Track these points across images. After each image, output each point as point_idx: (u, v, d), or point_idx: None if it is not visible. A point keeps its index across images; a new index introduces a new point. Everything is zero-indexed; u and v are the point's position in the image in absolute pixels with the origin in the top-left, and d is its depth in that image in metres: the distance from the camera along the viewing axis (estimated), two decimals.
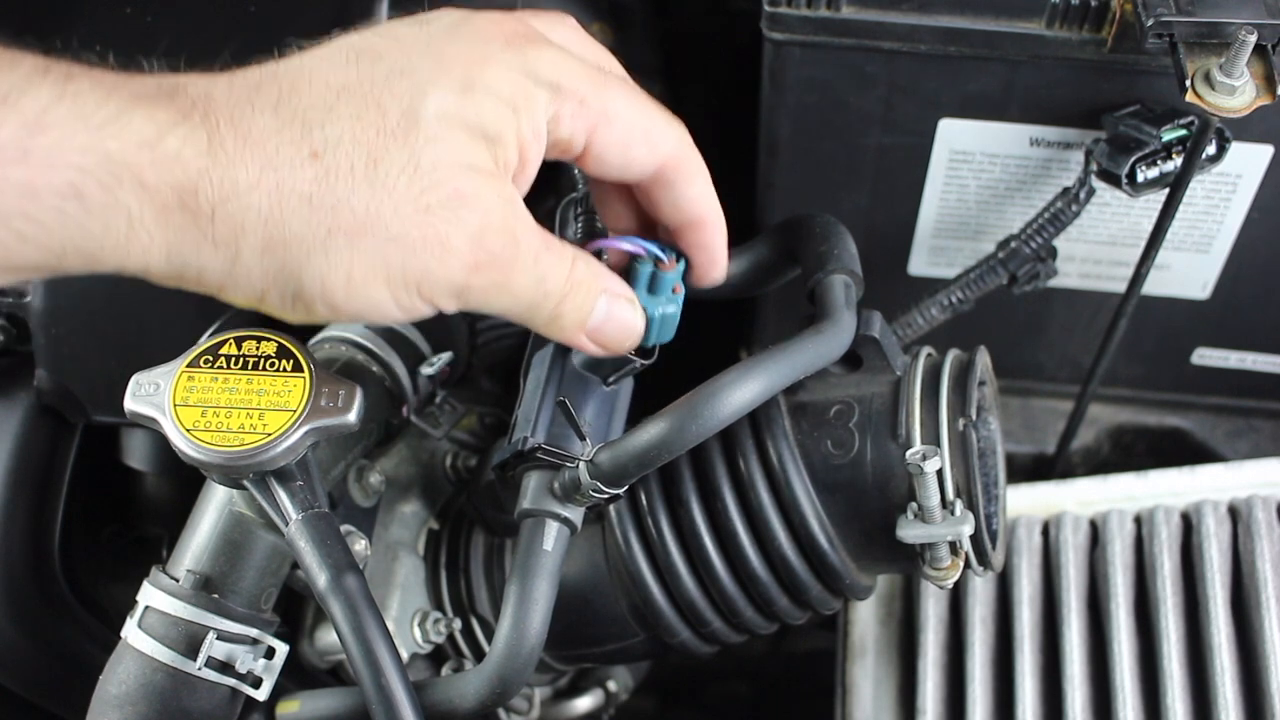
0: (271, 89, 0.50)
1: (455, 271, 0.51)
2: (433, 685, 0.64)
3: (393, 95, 0.50)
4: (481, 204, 0.51)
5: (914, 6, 0.75)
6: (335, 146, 0.49)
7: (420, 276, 0.51)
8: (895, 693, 0.88)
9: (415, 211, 0.50)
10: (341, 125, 0.49)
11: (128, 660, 0.63)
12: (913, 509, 0.65)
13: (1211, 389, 1.01)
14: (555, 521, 0.64)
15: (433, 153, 0.50)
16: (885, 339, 0.69)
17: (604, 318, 0.58)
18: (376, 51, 0.52)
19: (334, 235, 0.49)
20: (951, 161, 0.84)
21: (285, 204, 0.48)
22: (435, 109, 0.50)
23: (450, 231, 0.50)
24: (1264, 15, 0.68)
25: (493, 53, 0.53)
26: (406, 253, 0.50)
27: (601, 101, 0.55)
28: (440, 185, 0.50)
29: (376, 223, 0.49)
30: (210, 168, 0.47)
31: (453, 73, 0.51)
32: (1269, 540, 0.81)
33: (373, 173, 0.49)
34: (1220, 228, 0.86)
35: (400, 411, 0.76)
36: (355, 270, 0.50)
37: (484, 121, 0.51)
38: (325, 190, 0.49)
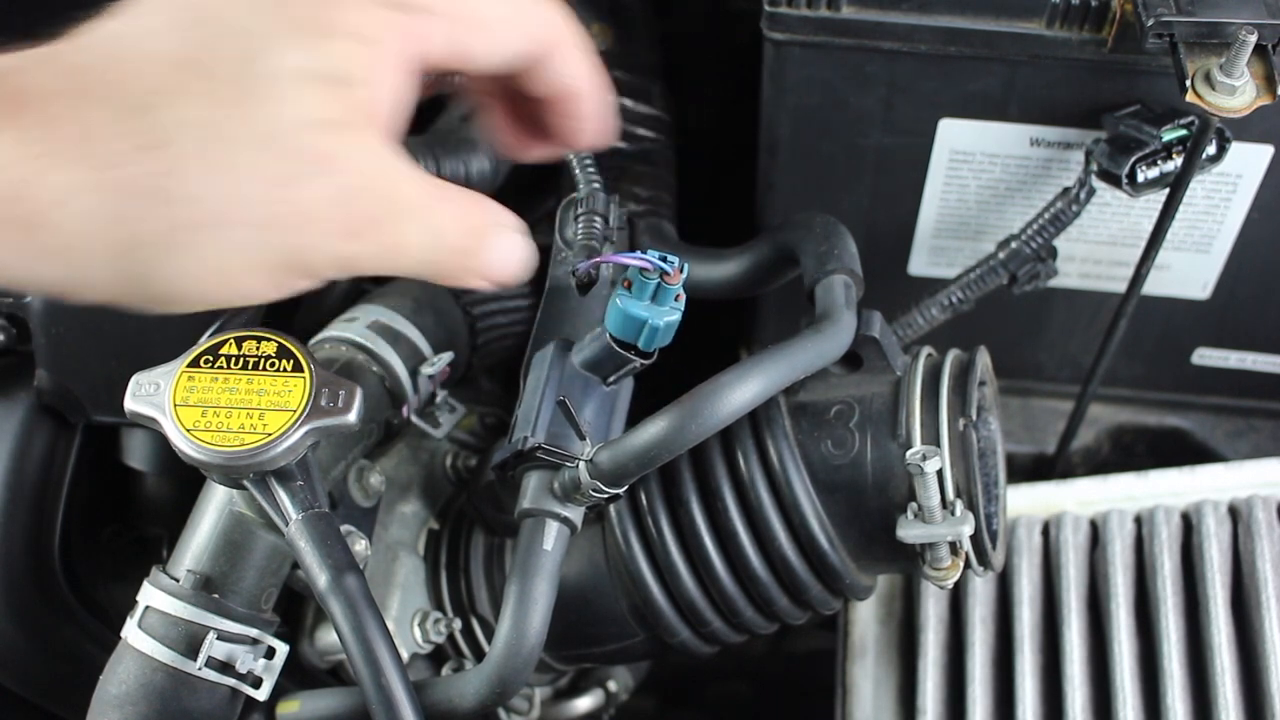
0: (97, 72, 0.44)
1: (330, 243, 0.46)
2: (433, 685, 0.64)
3: (230, 60, 0.45)
4: (347, 163, 0.46)
5: (914, 6, 0.75)
6: (176, 131, 0.43)
7: (292, 256, 0.46)
8: (895, 693, 0.88)
9: (273, 187, 0.45)
10: (179, 105, 0.44)
11: (128, 660, 0.63)
12: (913, 509, 0.65)
13: (1211, 389, 1.01)
14: (555, 521, 0.64)
15: (281, 116, 0.45)
16: (885, 339, 0.69)
17: (492, 249, 0.52)
18: (206, 10, 0.46)
19: (189, 230, 0.44)
20: (951, 161, 0.84)
21: (131, 203, 0.43)
22: (279, 65, 0.45)
23: (315, 200, 0.45)
24: (1264, 15, 0.68)
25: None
26: (272, 234, 0.45)
27: (462, 7, 0.50)
28: (295, 152, 0.45)
29: (234, 208, 0.44)
30: (37, 173, 0.42)
31: (295, 19, 0.46)
32: (1269, 540, 0.81)
33: (220, 153, 0.44)
34: (1220, 228, 0.86)
35: (400, 411, 0.76)
36: (220, 262, 0.45)
37: (336, 67, 0.46)
38: (172, 182, 0.44)
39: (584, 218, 0.74)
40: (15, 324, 0.77)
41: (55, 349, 0.76)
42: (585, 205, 0.74)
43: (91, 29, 0.46)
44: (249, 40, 0.45)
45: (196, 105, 0.44)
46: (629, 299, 0.60)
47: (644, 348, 0.62)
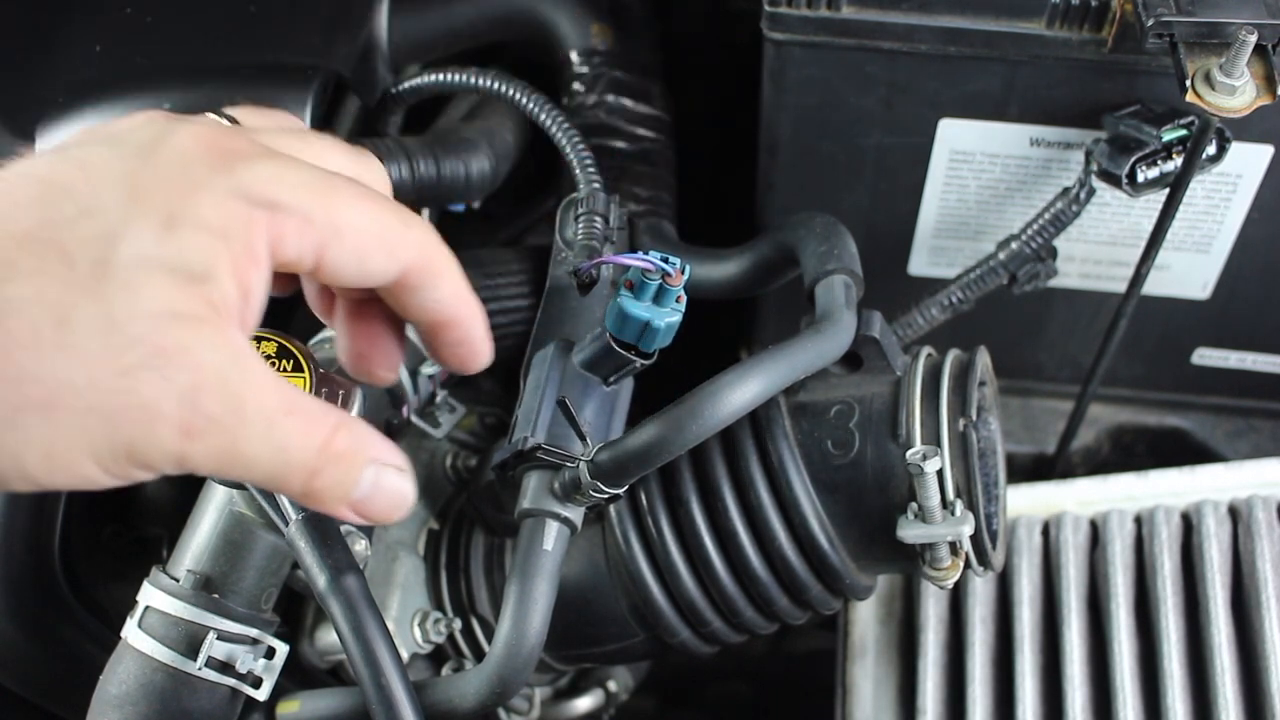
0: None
1: (166, 440, 0.45)
2: (433, 685, 0.64)
3: (81, 241, 0.44)
4: (191, 358, 0.44)
5: (914, 6, 0.75)
6: (17, 309, 0.42)
7: (127, 447, 0.45)
8: (895, 693, 0.88)
9: (112, 375, 0.43)
10: (23, 283, 0.43)
11: (128, 660, 0.63)
12: (913, 509, 0.65)
13: (1211, 389, 1.01)
14: (555, 521, 0.64)
15: (128, 304, 0.43)
16: (885, 339, 0.69)
17: (370, 489, 0.49)
18: (63, 186, 0.45)
19: (23, 411, 0.43)
20: (951, 161, 0.84)
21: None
22: (130, 253, 0.44)
23: (154, 394, 0.44)
24: (1264, 15, 0.68)
25: (196, 176, 0.46)
26: (108, 423, 0.44)
27: (328, 214, 0.48)
28: (139, 342, 0.43)
29: (70, 392, 0.43)
30: None
31: (150, 206, 0.45)
32: (1269, 540, 0.81)
33: (61, 335, 0.43)
34: (1220, 228, 0.86)
35: (400, 411, 0.76)
36: (53, 446, 0.44)
37: (189, 260, 0.45)
38: (8, 361, 0.42)
39: (584, 218, 0.74)
40: None
41: None
42: (586, 205, 0.74)
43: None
44: (102, 221, 0.45)
45: (42, 284, 0.43)
46: (630, 300, 0.60)
47: (644, 348, 0.62)
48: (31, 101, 0.74)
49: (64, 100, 0.74)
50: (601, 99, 0.91)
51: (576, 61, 0.93)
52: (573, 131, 0.79)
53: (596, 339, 0.64)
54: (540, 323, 0.75)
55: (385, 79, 0.85)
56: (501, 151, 0.86)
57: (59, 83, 0.75)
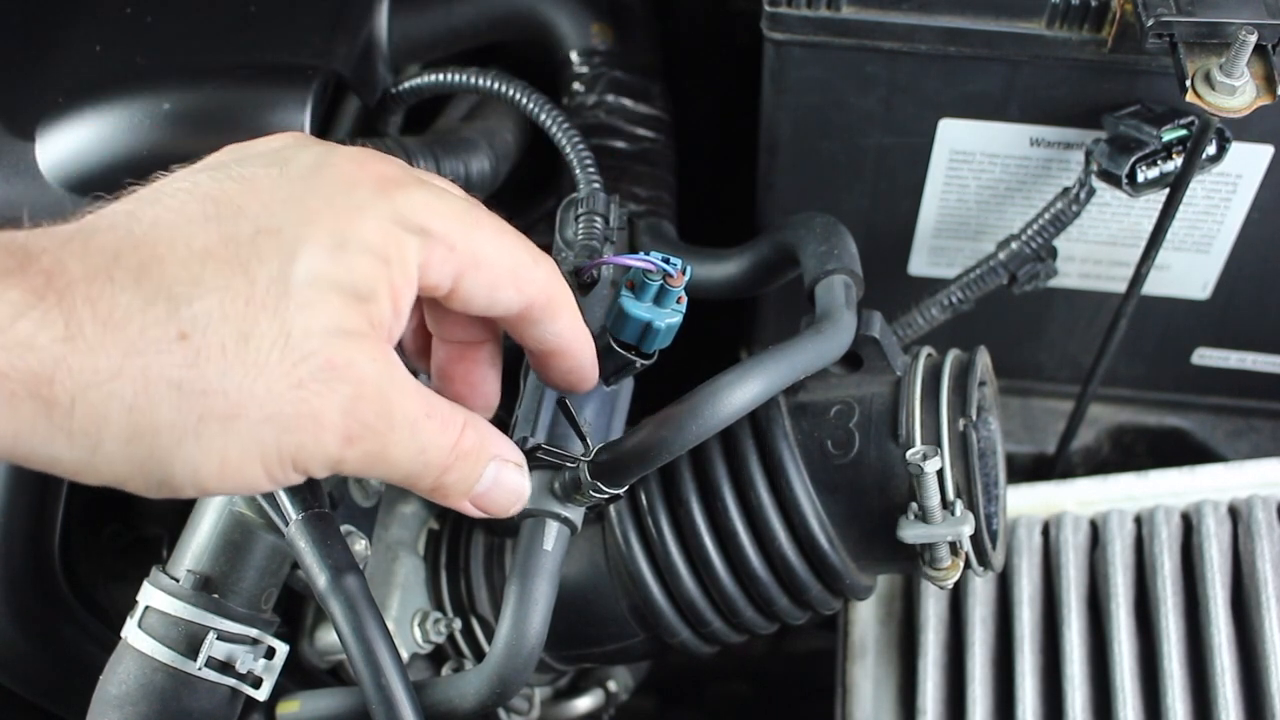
0: (131, 258, 0.45)
1: (329, 446, 0.49)
2: (433, 685, 0.64)
3: (260, 259, 0.47)
4: (354, 372, 0.48)
5: (914, 6, 0.75)
6: (205, 325, 0.45)
7: (294, 452, 0.48)
8: (895, 693, 0.88)
9: (288, 387, 0.47)
10: (209, 299, 0.45)
11: (128, 660, 0.63)
12: (913, 509, 0.65)
13: (1211, 389, 1.01)
14: (555, 521, 0.64)
15: (304, 321, 0.47)
16: (885, 339, 0.69)
17: (490, 485, 0.55)
18: (236, 205, 0.48)
19: (206, 421, 0.46)
20: (951, 161, 0.84)
21: (153, 391, 0.45)
22: (305, 273, 0.47)
23: (323, 405, 0.48)
24: (1264, 15, 0.68)
25: (362, 201, 0.49)
26: (280, 431, 0.47)
27: (470, 245, 0.52)
28: (312, 356, 0.47)
29: (250, 403, 0.46)
30: (68, 355, 0.43)
31: (321, 228, 0.48)
32: (1269, 540, 0.81)
33: (244, 350, 0.46)
34: (1220, 228, 0.86)
35: None
36: (229, 454, 0.47)
37: (356, 280, 0.48)
38: (196, 374, 0.45)
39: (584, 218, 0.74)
40: None
41: None
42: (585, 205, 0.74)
43: (122, 211, 0.47)
44: (279, 240, 0.47)
45: (226, 300, 0.46)
46: (631, 300, 0.60)
47: (645, 349, 0.62)
48: (31, 101, 0.74)
49: (64, 100, 0.74)
50: (601, 99, 0.91)
51: (576, 61, 0.93)
52: (573, 131, 0.79)
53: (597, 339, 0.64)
54: None
55: (385, 79, 0.85)
56: (501, 151, 0.86)
57: (59, 83, 0.75)
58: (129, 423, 0.45)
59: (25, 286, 0.43)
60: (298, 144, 0.52)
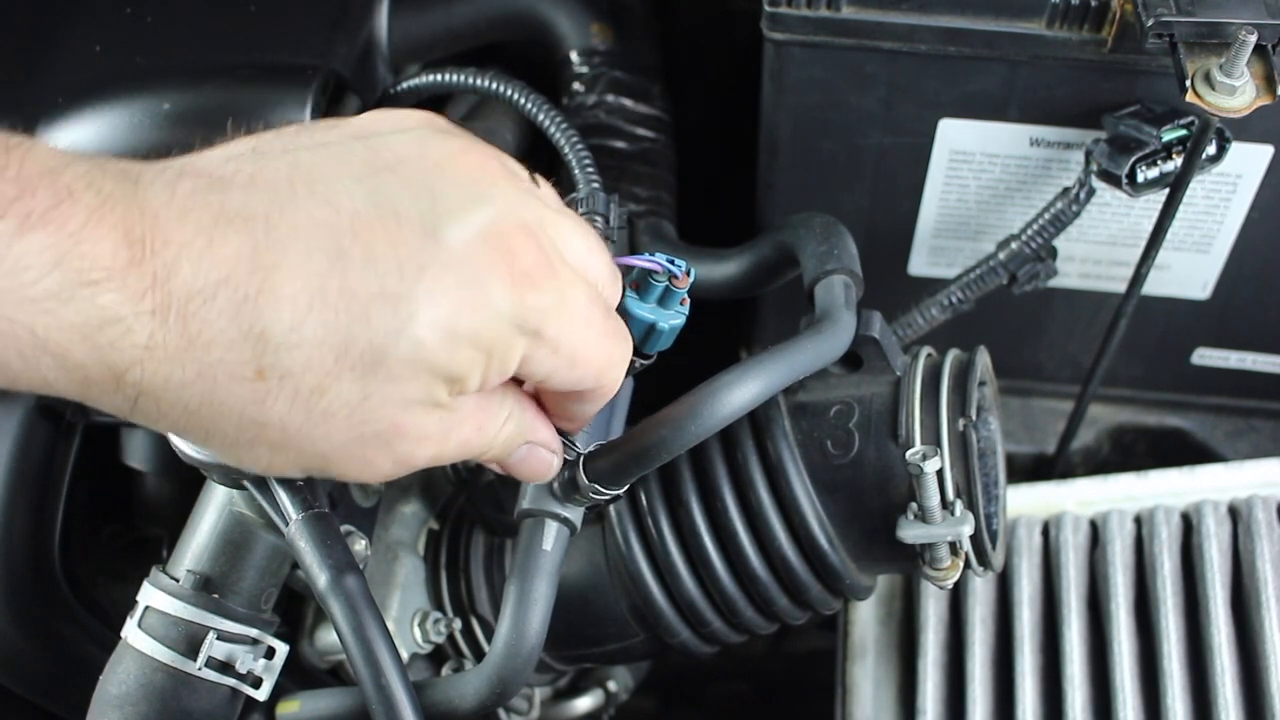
0: (242, 284, 0.45)
1: (373, 478, 0.52)
2: (433, 685, 0.64)
3: (367, 324, 0.46)
4: (418, 433, 0.50)
5: (914, 6, 0.75)
6: (285, 372, 0.46)
7: (339, 474, 0.51)
8: (895, 693, 0.88)
9: (349, 440, 0.48)
10: (298, 352, 0.46)
11: (128, 660, 0.63)
12: (913, 509, 0.65)
13: (1211, 389, 1.01)
14: (555, 521, 0.64)
15: (386, 392, 0.47)
16: (885, 339, 0.69)
17: (520, 460, 0.57)
18: (371, 251, 0.46)
19: (257, 444, 0.48)
20: (951, 161, 0.84)
21: (215, 409, 0.46)
22: (406, 350, 0.47)
23: (377, 457, 0.50)
24: (1264, 15, 0.68)
25: (493, 294, 0.48)
26: (329, 463, 0.50)
27: (573, 348, 0.51)
28: (380, 420, 0.48)
29: (304, 442, 0.48)
30: (145, 360, 0.44)
31: (441, 308, 0.47)
32: (1269, 540, 0.81)
33: (316, 401, 0.47)
34: (1220, 228, 0.86)
35: None
36: (274, 464, 0.50)
37: (454, 369, 0.48)
38: (260, 410, 0.47)
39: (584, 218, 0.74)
40: None
41: None
42: (586, 205, 0.74)
43: (261, 211, 0.46)
44: (395, 311, 0.46)
45: (317, 355, 0.46)
46: (635, 301, 0.60)
47: (647, 350, 0.62)
48: (31, 101, 0.74)
49: (64, 100, 0.74)
50: (601, 99, 0.91)
51: (576, 61, 0.93)
52: (572, 131, 0.79)
53: None
54: None
55: (385, 79, 0.85)
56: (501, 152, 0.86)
57: (59, 83, 0.75)
58: (185, 422, 0.47)
59: (126, 290, 0.43)
60: (469, 196, 0.49)
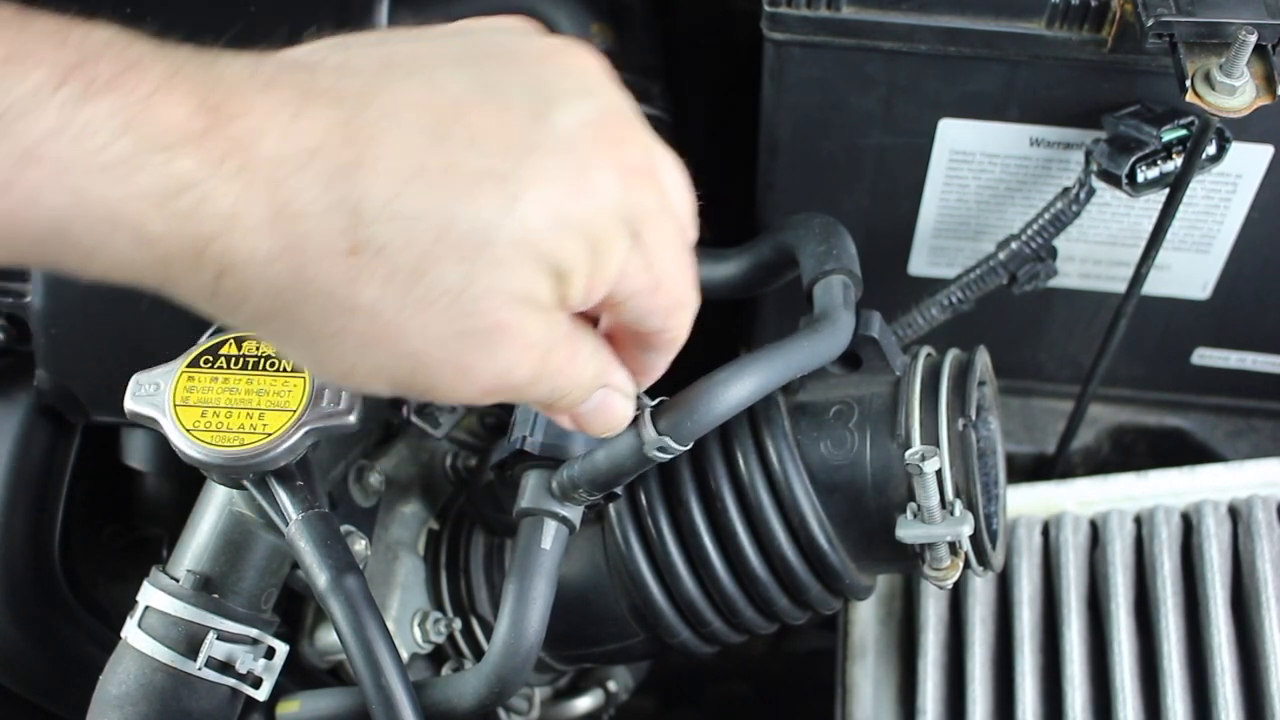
0: (334, 154, 0.42)
1: (466, 395, 0.47)
2: (432, 685, 0.64)
3: (472, 200, 0.43)
4: (522, 339, 0.46)
5: (914, 6, 0.75)
6: (380, 248, 0.42)
7: (427, 386, 0.46)
8: (895, 693, 0.88)
9: (444, 336, 0.44)
10: (397, 224, 0.42)
11: (128, 660, 0.63)
12: (912, 509, 0.65)
13: (1211, 389, 1.01)
14: (554, 521, 0.64)
15: (490, 279, 0.44)
16: (885, 339, 0.69)
17: (595, 407, 0.53)
18: (471, 127, 0.44)
19: (344, 335, 0.44)
20: (951, 161, 0.84)
21: (302, 290, 0.42)
22: (513, 233, 0.43)
23: (477, 362, 0.45)
24: (1264, 15, 0.68)
25: (601, 183, 0.46)
26: (420, 368, 0.45)
27: (661, 266, 0.50)
28: (483, 314, 0.44)
29: (398, 336, 0.44)
30: (228, 230, 0.41)
31: (548, 191, 0.44)
32: (1269, 540, 0.81)
33: (413, 285, 0.43)
34: (1220, 228, 0.86)
35: (400, 411, 0.76)
36: (358, 367, 0.45)
37: (560, 259, 0.45)
38: (351, 291, 0.42)
39: None
40: (15, 324, 0.77)
41: (55, 349, 0.76)
42: None
43: (355, 87, 0.45)
44: (500, 190, 0.44)
45: (416, 230, 0.43)
46: None
47: None
48: None
49: None
50: None
51: None
52: None
53: None
54: None
55: None
56: None
57: None
58: (268, 306, 0.43)
59: (203, 153, 0.40)
60: (576, 86, 0.47)
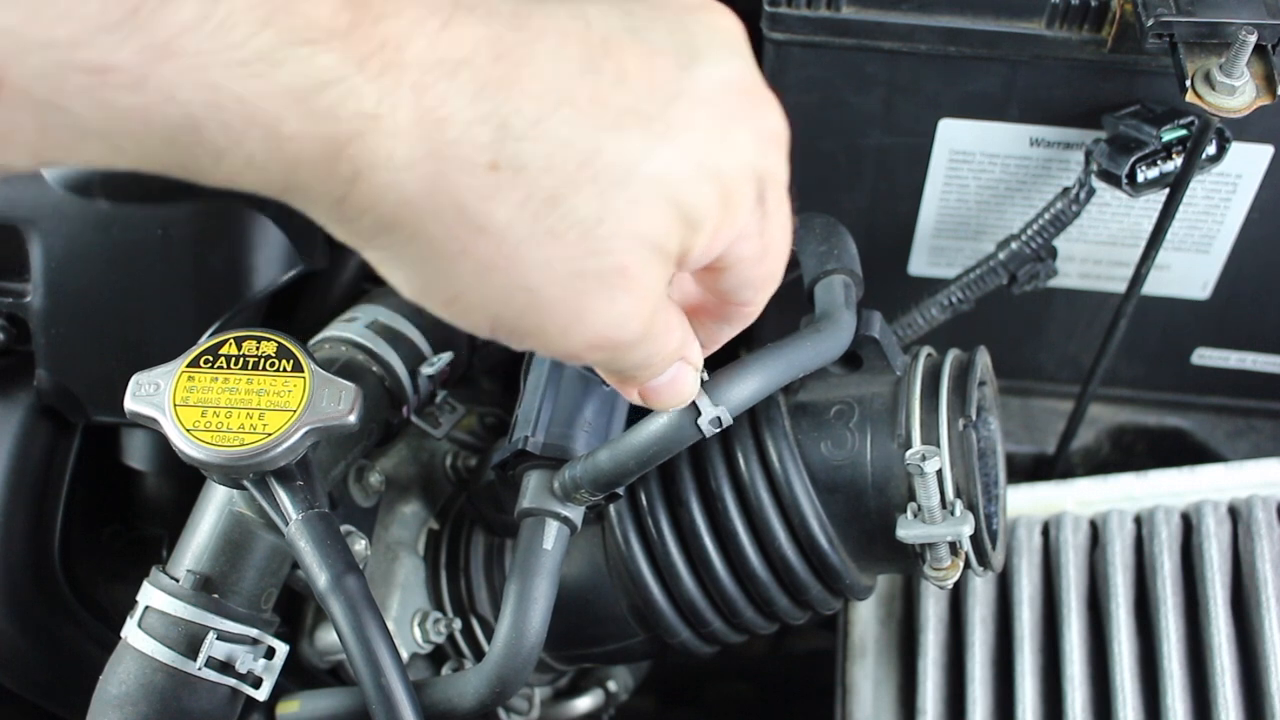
0: (483, 69, 0.41)
1: (570, 345, 0.45)
2: (433, 685, 0.64)
3: (618, 133, 0.42)
4: (640, 288, 0.44)
5: (914, 6, 0.75)
6: (521, 166, 0.41)
7: (534, 328, 0.44)
8: (895, 693, 0.88)
9: (566, 273, 0.43)
10: (541, 144, 0.41)
11: (128, 660, 0.63)
12: (912, 509, 0.65)
13: (1211, 389, 1.01)
14: (555, 521, 0.64)
15: (624, 215, 0.43)
16: (885, 339, 0.69)
17: (669, 380, 0.52)
18: (621, 68, 0.43)
19: (464, 257, 0.42)
20: (951, 161, 0.84)
21: (433, 202, 0.41)
22: (654, 170, 0.43)
23: (593, 305, 0.44)
24: (1264, 15, 0.68)
25: (740, 142, 0.45)
26: (530, 308, 0.43)
27: (773, 234, 0.49)
28: (610, 253, 0.43)
29: (516, 265, 0.42)
30: (369, 131, 0.39)
31: (692, 138, 0.44)
32: (1269, 540, 0.81)
33: (546, 212, 0.42)
34: (1220, 228, 0.86)
35: (400, 411, 0.76)
36: (466, 295, 0.43)
37: (694, 205, 0.44)
38: (482, 209, 0.41)
39: None
40: (15, 324, 0.77)
41: (55, 349, 0.76)
42: None
43: (507, 7, 0.43)
44: (645, 129, 0.43)
45: (558, 155, 0.42)
46: None
47: None
48: None
49: None
50: None
51: None
52: None
53: None
54: None
55: None
56: None
57: None
58: (392, 216, 0.41)
59: (346, 51, 0.38)
60: (719, 47, 0.46)
